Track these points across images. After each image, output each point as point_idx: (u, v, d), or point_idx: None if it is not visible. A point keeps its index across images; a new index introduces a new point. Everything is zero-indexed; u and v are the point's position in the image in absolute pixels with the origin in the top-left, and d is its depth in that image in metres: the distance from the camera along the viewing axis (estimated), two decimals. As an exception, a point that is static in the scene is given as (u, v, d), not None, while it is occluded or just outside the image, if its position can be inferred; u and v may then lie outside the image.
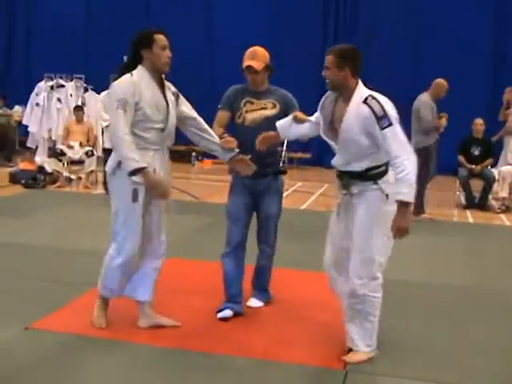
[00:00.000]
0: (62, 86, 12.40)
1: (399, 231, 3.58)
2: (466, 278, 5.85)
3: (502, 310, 4.99)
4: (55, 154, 10.51)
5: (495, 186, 9.61)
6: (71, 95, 12.39)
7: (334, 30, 13.63)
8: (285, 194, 3.57)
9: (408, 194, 3.51)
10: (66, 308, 4.59)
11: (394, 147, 3.52)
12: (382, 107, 3.55)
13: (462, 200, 9.87)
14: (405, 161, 3.49)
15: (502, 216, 9.11)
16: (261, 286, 4.80)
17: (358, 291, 3.74)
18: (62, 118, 12.05)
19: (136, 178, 3.99)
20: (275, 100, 4.57)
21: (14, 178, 10.35)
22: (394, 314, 4.75)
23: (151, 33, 4.00)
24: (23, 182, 10.06)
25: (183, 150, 13.70)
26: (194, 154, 13.28)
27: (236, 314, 4.43)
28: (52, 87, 12.29)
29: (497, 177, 9.53)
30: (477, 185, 9.69)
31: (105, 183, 9.77)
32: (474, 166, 9.56)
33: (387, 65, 12.73)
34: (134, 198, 4.08)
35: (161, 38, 3.99)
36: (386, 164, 3.70)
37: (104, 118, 9.66)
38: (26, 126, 12.66)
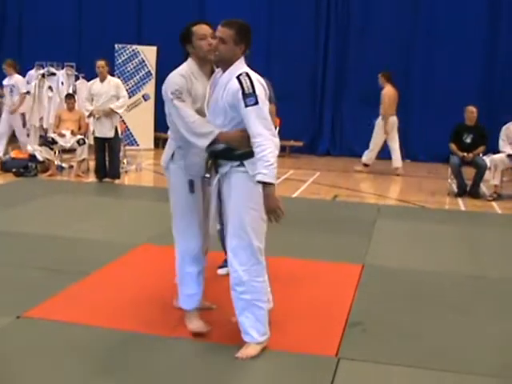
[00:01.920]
0: (53, 74, 12.32)
1: (270, 213, 3.52)
2: (456, 265, 5.87)
3: (493, 297, 5.02)
4: (46, 142, 10.46)
5: (487, 174, 9.62)
6: (62, 83, 12.32)
7: (326, 25, 13.58)
8: (277, 182, 3.56)
9: (267, 174, 3.44)
10: (58, 296, 4.59)
11: (256, 126, 3.47)
12: (252, 85, 3.51)
13: (454, 188, 9.88)
14: (265, 141, 3.45)
15: (494, 204, 9.13)
16: None
17: (242, 278, 3.65)
18: (54, 107, 11.98)
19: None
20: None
21: (5, 167, 10.31)
22: (384, 302, 4.77)
23: (189, 26, 3.96)
24: (14, 170, 10.02)
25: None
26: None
27: None
28: (43, 75, 12.20)
29: (489, 164, 9.55)
30: (469, 173, 9.71)
31: (96, 171, 9.76)
32: (465, 154, 9.57)
33: (380, 48, 12.72)
34: (191, 189, 3.90)
35: (198, 29, 3.91)
36: None
37: (87, 109, 9.64)
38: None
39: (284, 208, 3.50)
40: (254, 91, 3.48)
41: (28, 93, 11.83)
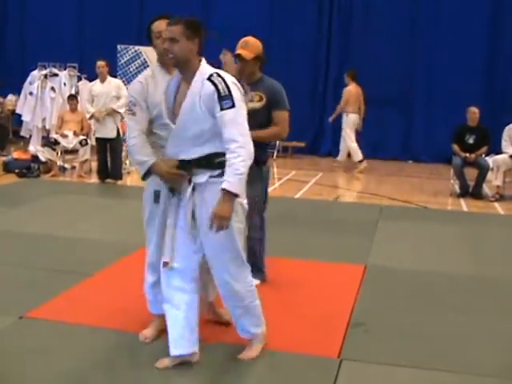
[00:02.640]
0: (56, 74, 12.32)
1: (217, 219, 3.24)
2: (459, 266, 5.86)
3: (495, 297, 5.01)
4: (49, 143, 10.46)
5: (489, 175, 9.61)
6: (65, 84, 12.32)
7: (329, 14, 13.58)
8: (279, 183, 3.54)
9: (234, 184, 3.19)
10: (61, 297, 4.59)
11: (230, 131, 3.24)
12: (227, 86, 3.28)
13: (457, 188, 9.88)
14: (239, 148, 3.21)
15: (496, 205, 9.12)
16: (255, 266, 4.51)
17: (235, 288, 3.51)
18: (56, 107, 11.98)
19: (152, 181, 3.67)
20: (263, 92, 4.55)
21: (8, 168, 10.31)
22: (386, 303, 4.77)
23: (149, 23, 3.84)
24: (17, 171, 10.02)
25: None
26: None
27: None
28: (46, 76, 12.21)
29: (491, 165, 9.54)
30: (471, 173, 9.70)
31: (98, 172, 9.76)
32: (468, 155, 9.56)
33: (382, 49, 12.72)
34: (156, 199, 3.72)
35: (155, 26, 3.78)
36: None
37: (88, 111, 9.66)
38: (20, 115, 12.60)
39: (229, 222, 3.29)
40: (230, 93, 3.25)
41: (31, 93, 11.84)
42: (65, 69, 12.58)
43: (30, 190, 9.10)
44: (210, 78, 3.31)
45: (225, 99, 3.26)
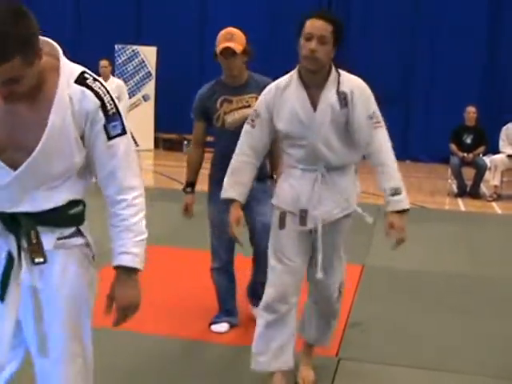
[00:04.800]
0: (53, 74, 12.33)
1: (123, 310, 2.35)
2: (456, 265, 5.87)
3: (493, 297, 5.02)
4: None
5: (487, 175, 9.63)
6: (62, 84, 12.33)
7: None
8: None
9: (139, 256, 2.18)
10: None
11: (125, 174, 2.16)
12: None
13: (454, 188, 9.89)
14: (138, 198, 2.18)
15: (494, 204, 9.13)
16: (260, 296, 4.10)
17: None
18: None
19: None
20: (258, 94, 3.61)
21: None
22: (384, 302, 4.77)
23: (304, 17, 3.05)
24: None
25: (174, 138, 13.69)
26: (185, 142, 13.25)
27: (231, 326, 4.11)
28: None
29: (489, 165, 9.55)
30: (469, 173, 9.71)
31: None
32: (465, 155, 9.57)
33: (381, 49, 12.72)
34: (281, 225, 3.19)
35: (309, 24, 2.97)
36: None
37: None
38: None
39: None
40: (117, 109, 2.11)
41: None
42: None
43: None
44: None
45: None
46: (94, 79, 2.04)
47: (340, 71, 3.08)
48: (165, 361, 3.67)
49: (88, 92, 2.00)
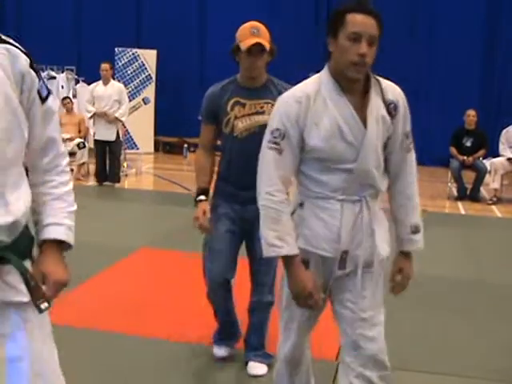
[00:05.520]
0: (53, 77, 12.33)
1: (57, 285, 2.05)
2: (456, 269, 5.86)
3: (493, 300, 5.02)
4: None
5: (487, 178, 9.63)
6: (62, 87, 12.33)
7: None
8: None
9: (71, 229, 1.98)
10: (57, 300, 4.57)
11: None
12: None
13: (454, 191, 9.89)
14: (66, 167, 2.01)
15: (494, 207, 9.13)
16: (259, 344, 3.74)
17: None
18: (53, 110, 12.00)
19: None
20: (275, 100, 2.87)
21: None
22: (385, 307, 4.76)
23: (343, 10, 2.37)
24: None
25: (175, 141, 13.69)
26: (186, 145, 13.26)
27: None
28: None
29: (489, 168, 9.56)
30: (469, 176, 9.71)
31: (96, 175, 9.74)
32: (465, 158, 9.58)
33: (380, 52, 12.70)
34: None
35: (352, 19, 2.36)
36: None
37: (88, 110, 9.64)
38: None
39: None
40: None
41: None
42: (62, 72, 12.60)
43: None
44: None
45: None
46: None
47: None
48: (162, 363, 3.66)
49: (14, 49, 1.76)
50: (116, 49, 13.21)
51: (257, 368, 3.65)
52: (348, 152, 2.36)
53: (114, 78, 10.43)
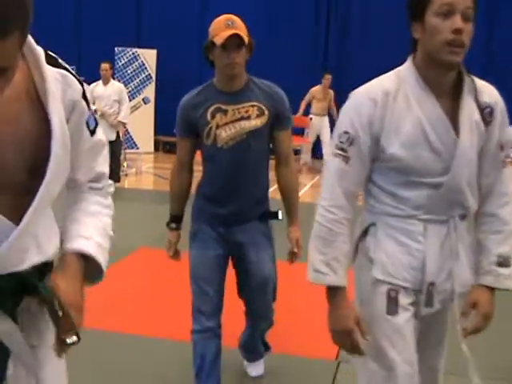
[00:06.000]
0: (53, 77, 12.34)
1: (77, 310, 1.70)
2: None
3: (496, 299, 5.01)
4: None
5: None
6: (62, 86, 12.34)
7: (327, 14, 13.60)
8: (274, 187, 2.94)
9: (106, 251, 1.80)
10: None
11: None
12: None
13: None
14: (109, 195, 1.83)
15: None
16: (255, 349, 3.62)
17: None
18: (54, 110, 11.99)
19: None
20: (260, 102, 2.97)
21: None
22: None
23: None
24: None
25: (174, 140, 13.67)
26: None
27: None
28: (43, 79, 12.22)
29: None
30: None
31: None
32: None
33: (380, 53, 12.72)
34: (390, 309, 2.18)
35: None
36: None
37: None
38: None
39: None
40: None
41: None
42: (62, 71, 12.60)
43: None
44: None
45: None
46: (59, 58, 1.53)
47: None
48: (163, 363, 3.66)
49: (69, 76, 1.61)
50: (116, 48, 13.21)
51: (257, 367, 3.66)
52: (436, 163, 1.95)
53: (113, 78, 10.43)
